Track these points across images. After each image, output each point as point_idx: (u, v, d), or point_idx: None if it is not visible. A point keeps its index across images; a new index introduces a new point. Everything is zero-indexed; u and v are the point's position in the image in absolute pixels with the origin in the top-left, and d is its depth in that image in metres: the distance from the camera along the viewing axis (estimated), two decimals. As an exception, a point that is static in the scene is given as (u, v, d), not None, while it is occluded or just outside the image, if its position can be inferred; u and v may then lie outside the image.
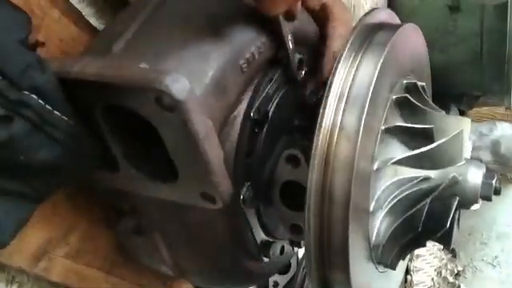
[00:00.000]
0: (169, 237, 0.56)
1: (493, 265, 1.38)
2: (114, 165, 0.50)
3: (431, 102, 0.56)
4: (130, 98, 0.41)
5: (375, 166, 0.49)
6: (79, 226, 0.62)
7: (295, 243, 0.65)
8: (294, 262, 0.74)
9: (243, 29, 0.51)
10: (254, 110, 0.53)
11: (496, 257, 1.38)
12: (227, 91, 0.49)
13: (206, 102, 0.46)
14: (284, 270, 0.74)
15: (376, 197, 0.50)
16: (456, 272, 1.41)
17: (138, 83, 0.39)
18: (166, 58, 0.46)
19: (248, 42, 0.51)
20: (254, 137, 0.54)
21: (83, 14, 0.62)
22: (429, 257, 1.41)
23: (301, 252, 0.74)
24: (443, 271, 1.42)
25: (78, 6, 0.62)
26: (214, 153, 0.43)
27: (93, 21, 0.64)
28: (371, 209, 0.49)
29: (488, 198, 0.53)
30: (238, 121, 0.53)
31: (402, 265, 0.63)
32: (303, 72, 0.60)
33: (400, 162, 0.51)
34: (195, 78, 0.45)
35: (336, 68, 0.48)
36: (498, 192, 0.54)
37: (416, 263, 1.40)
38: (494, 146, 1.26)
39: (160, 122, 0.42)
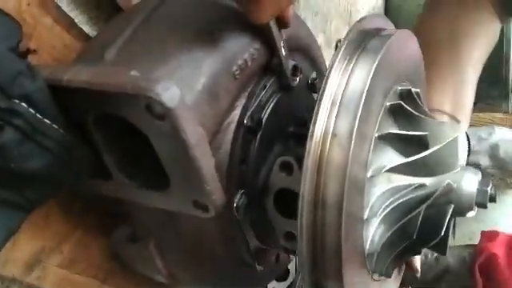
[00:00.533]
0: (162, 245, 0.55)
1: None
2: (106, 173, 0.50)
3: (426, 109, 0.55)
4: (120, 105, 0.41)
5: (369, 174, 0.49)
6: (73, 235, 0.62)
7: (290, 251, 0.64)
8: (292, 268, 0.74)
9: (236, 35, 0.51)
10: (247, 116, 0.53)
11: None
12: (220, 98, 0.49)
13: (197, 109, 0.46)
14: (282, 276, 0.73)
15: (370, 204, 0.49)
16: None
17: (128, 91, 0.39)
18: (157, 65, 0.45)
19: (241, 49, 0.50)
20: (247, 144, 0.54)
21: (76, 21, 0.62)
22: None
23: None
24: None
25: (71, 14, 0.62)
26: (206, 161, 0.43)
27: (86, 28, 0.63)
28: (365, 216, 0.49)
29: (483, 206, 0.53)
30: (231, 128, 0.52)
31: (396, 275, 0.63)
32: (298, 78, 0.59)
33: (394, 170, 0.51)
34: (187, 85, 0.45)
35: (329, 73, 0.48)
36: (493, 199, 0.53)
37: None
38: (493, 150, 1.25)
39: (151, 131, 0.42)
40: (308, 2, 0.67)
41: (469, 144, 0.76)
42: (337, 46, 0.51)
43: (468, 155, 0.79)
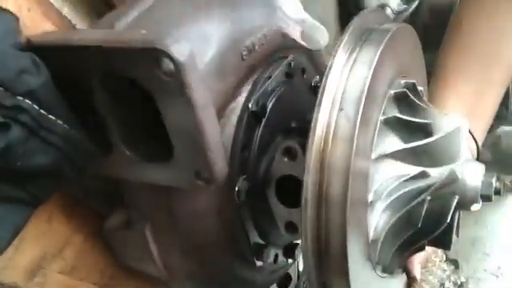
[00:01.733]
0: (158, 231, 0.53)
1: (496, 275, 1.34)
2: (107, 148, 0.49)
3: (429, 104, 0.56)
4: (129, 63, 0.41)
5: (374, 156, 0.48)
6: (75, 241, 0.61)
7: (288, 253, 0.62)
8: (294, 274, 0.71)
9: (246, 18, 0.52)
10: (252, 101, 0.53)
11: (499, 267, 1.35)
12: (226, 76, 0.49)
13: (206, 77, 0.46)
14: (284, 283, 0.70)
15: (375, 188, 0.49)
16: (459, 283, 1.37)
17: (137, 45, 0.39)
18: (167, 32, 0.46)
19: (249, 31, 0.51)
20: (251, 130, 0.54)
21: (77, 28, 0.63)
22: (431, 268, 1.37)
23: (301, 264, 0.71)
24: (446, 283, 1.38)
25: (73, 21, 0.62)
26: (211, 125, 0.43)
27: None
28: (370, 199, 0.48)
29: (488, 198, 0.52)
30: (236, 112, 0.52)
31: (401, 275, 0.61)
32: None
33: (398, 156, 0.50)
34: (197, 54, 0.45)
35: (332, 63, 0.48)
36: (498, 192, 0.52)
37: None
38: (495, 143, 1.22)
39: (158, 89, 0.41)
40: (307, 9, 0.67)
41: (478, 152, 0.73)
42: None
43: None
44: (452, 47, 0.76)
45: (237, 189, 0.52)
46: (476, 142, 0.71)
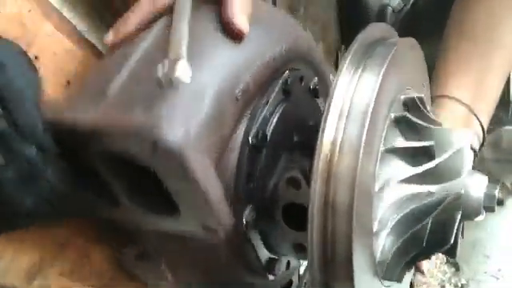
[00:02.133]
0: (172, 263, 0.56)
1: (496, 277, 1.38)
2: (114, 201, 0.50)
3: (431, 115, 0.55)
4: (125, 145, 0.41)
5: (377, 187, 0.49)
6: (74, 243, 0.62)
7: (301, 256, 0.65)
8: (295, 277, 0.73)
9: (238, 59, 0.50)
10: (252, 135, 0.52)
11: (499, 270, 1.38)
12: (224, 123, 0.48)
13: (203, 138, 0.44)
14: (285, 286, 0.73)
15: (379, 217, 0.50)
16: (460, 286, 1.42)
17: (132, 132, 0.39)
18: (160, 100, 0.44)
19: (243, 70, 0.49)
20: (253, 161, 0.53)
21: (78, 28, 0.62)
22: (432, 270, 1.41)
23: (302, 267, 0.73)
24: (447, 285, 1.43)
25: (72, 21, 0.61)
26: (214, 190, 0.43)
27: (87, 35, 0.63)
28: (375, 229, 0.49)
29: (491, 209, 0.53)
30: (237, 148, 0.52)
31: (407, 278, 0.63)
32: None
33: (401, 181, 0.51)
34: (191, 116, 0.44)
35: (336, 84, 0.47)
36: (501, 203, 0.53)
37: (419, 277, 1.38)
38: (496, 140, 1.22)
39: (158, 168, 0.42)
40: (307, 11, 0.65)
41: (483, 138, 0.74)
42: (337, 56, 0.50)
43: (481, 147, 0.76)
44: (452, 36, 0.74)
45: (245, 221, 0.53)
46: (482, 127, 0.71)
